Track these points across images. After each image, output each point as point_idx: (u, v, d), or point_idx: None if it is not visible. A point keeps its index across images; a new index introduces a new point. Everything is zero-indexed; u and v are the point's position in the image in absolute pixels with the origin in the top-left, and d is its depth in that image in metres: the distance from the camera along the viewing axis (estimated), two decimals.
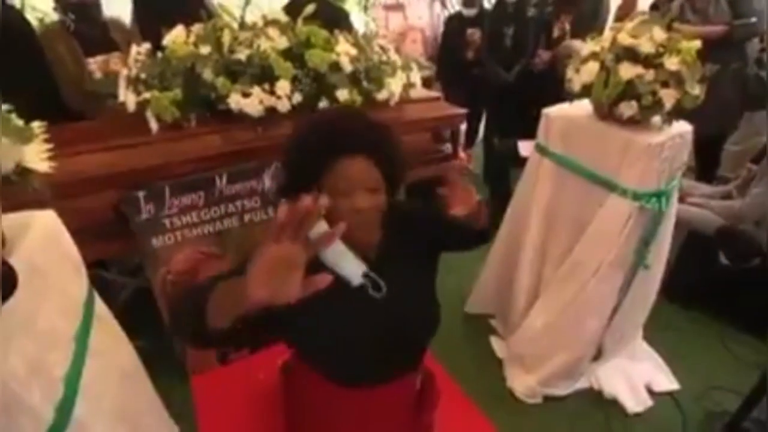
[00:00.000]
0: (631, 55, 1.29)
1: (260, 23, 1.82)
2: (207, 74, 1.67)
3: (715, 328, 2.11)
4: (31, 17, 2.21)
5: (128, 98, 1.66)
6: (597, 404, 1.77)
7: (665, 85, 1.26)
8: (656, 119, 1.36)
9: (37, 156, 0.92)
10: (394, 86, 1.86)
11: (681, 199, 1.98)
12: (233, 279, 0.75)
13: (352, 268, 0.84)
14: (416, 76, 2.03)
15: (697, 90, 1.28)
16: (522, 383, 1.79)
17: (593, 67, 1.36)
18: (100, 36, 2.04)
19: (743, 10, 2.23)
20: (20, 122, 0.94)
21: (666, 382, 1.82)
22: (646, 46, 1.26)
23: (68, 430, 0.73)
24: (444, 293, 1.10)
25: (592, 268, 1.55)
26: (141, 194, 1.52)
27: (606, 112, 1.42)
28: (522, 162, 2.35)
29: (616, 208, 1.46)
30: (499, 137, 2.90)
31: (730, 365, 1.93)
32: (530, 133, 2.42)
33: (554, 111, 1.62)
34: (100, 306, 1.02)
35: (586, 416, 1.72)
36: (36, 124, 0.96)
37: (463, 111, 2.16)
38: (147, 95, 1.64)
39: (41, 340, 0.73)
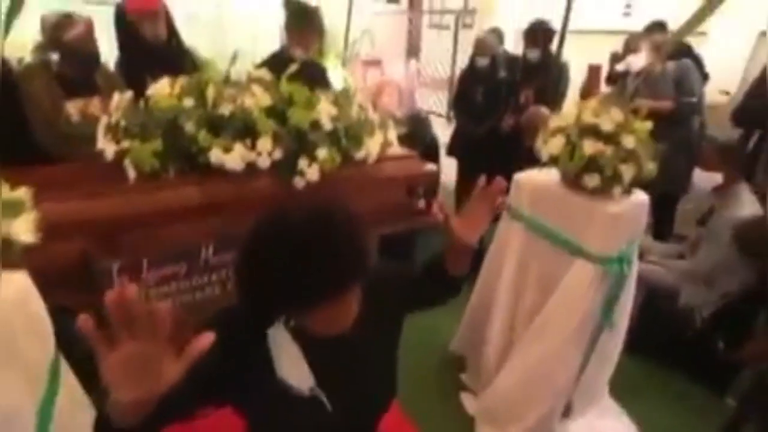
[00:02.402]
0: (593, 131, 1.42)
1: (245, 79, 1.87)
2: (189, 127, 1.70)
3: (675, 381, 2.21)
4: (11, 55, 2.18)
5: (107, 146, 1.66)
6: None
7: (624, 161, 1.39)
8: (617, 189, 1.48)
9: (25, 227, 0.90)
10: (372, 146, 1.93)
11: (640, 257, 2.11)
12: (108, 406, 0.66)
13: (301, 380, 0.87)
14: (393, 134, 2.12)
15: (651, 165, 1.41)
16: None
17: (559, 140, 1.48)
18: (83, 79, 2.03)
19: (686, 89, 2.51)
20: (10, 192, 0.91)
21: None
22: (606, 125, 1.40)
23: None
24: (418, 339, 1.09)
25: (560, 328, 1.62)
26: (115, 266, 1.44)
27: (572, 182, 1.53)
28: (494, 218, 2.46)
29: (581, 272, 1.55)
30: (469, 191, 3.01)
31: (689, 419, 2.01)
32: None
33: (524, 177, 1.72)
34: (66, 371, 0.98)
35: None
36: (22, 191, 0.95)
37: (435, 169, 2.26)
38: (126, 144, 1.64)
39: (2, 418, 0.70)
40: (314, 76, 2.41)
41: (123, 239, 1.59)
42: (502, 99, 3.08)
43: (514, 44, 4.12)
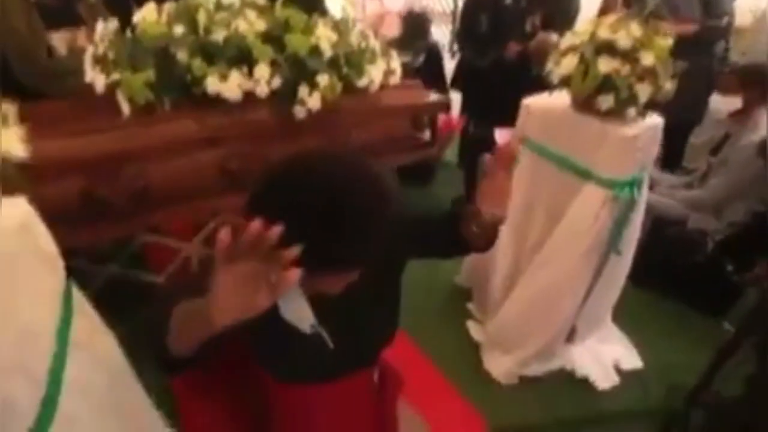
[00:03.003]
0: (609, 49, 1.33)
1: (237, 4, 1.76)
2: (181, 55, 1.61)
3: (676, 309, 2.26)
4: None
5: (96, 79, 1.58)
6: (570, 383, 1.87)
7: (640, 79, 1.32)
8: (631, 111, 1.42)
9: (14, 139, 0.86)
10: (374, 73, 1.85)
11: (650, 188, 2.08)
12: (192, 304, 0.71)
13: (302, 319, 0.87)
14: (396, 63, 2.02)
15: (669, 85, 1.34)
16: (499, 366, 1.86)
17: (572, 60, 1.41)
18: (64, 8, 1.91)
19: (715, 10, 2.33)
20: None
21: (632, 360, 1.94)
22: (623, 41, 1.31)
23: (55, 425, 0.72)
24: (425, 272, 1.10)
25: (567, 254, 1.62)
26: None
27: (584, 104, 1.47)
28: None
29: (591, 196, 1.53)
30: (474, 124, 2.93)
31: (689, 343, 2.07)
32: (507, 121, 2.48)
33: (533, 101, 1.66)
34: (79, 298, 0.99)
35: (560, 394, 1.82)
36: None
37: (442, 98, 2.18)
38: (117, 76, 1.57)
39: (20, 334, 0.71)
40: (310, 2, 2.26)
41: (122, 175, 1.57)
42: (508, 27, 2.91)
43: None
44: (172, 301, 0.77)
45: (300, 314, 0.94)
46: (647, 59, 1.29)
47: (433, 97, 2.19)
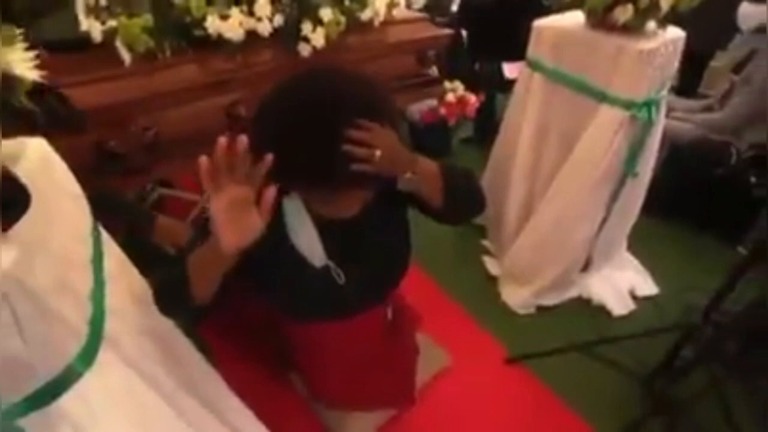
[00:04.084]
0: None
1: None
2: None
3: (690, 237, 2.26)
4: None
5: (92, 26, 1.55)
6: (586, 311, 1.90)
7: None
8: (650, 25, 1.36)
9: (23, 61, 0.81)
10: (378, 3, 1.79)
11: (666, 114, 2.03)
12: (198, 249, 0.79)
13: (313, 253, 0.94)
14: None
15: None
16: (516, 296, 1.90)
17: None
18: None
19: None
20: None
21: (647, 287, 1.96)
22: None
23: (102, 346, 0.76)
24: None
25: (583, 180, 1.61)
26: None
27: (599, 20, 1.41)
28: (508, 86, 2.35)
29: (606, 118, 1.49)
30: (481, 61, 2.85)
31: (703, 270, 2.08)
32: (513, 56, 2.39)
33: (544, 23, 1.59)
34: (106, 238, 1.01)
35: (577, 321, 1.86)
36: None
37: (448, 31, 2.10)
38: (113, 23, 1.53)
39: (59, 261, 0.73)
40: None
41: (132, 126, 1.56)
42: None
43: None
44: (185, 254, 0.81)
45: (311, 247, 0.96)
46: None
47: (439, 30, 2.11)
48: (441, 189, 0.89)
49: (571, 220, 1.67)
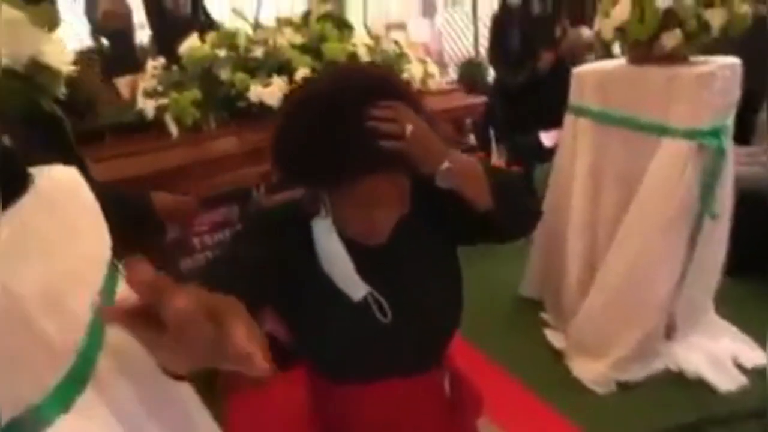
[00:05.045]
0: None
1: (274, 24, 1.82)
2: (225, 74, 1.65)
3: None
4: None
5: (147, 105, 1.63)
6: (680, 386, 1.54)
7: (709, 4, 1.18)
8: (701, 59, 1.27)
9: (57, 50, 0.73)
10: (414, 71, 1.82)
11: None
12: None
13: (353, 286, 0.77)
14: (434, 68, 1.99)
15: (745, 7, 1.19)
16: (590, 371, 1.58)
17: (625, 5, 1.30)
18: (130, 58, 2.05)
19: None
20: None
21: (755, 355, 1.60)
22: None
23: (89, 384, 0.60)
24: (492, 281, 0.96)
25: (653, 224, 1.40)
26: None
27: (644, 52, 1.33)
28: (547, 155, 2.26)
29: (670, 153, 1.33)
30: (518, 132, 2.82)
31: None
32: (550, 125, 2.35)
33: (585, 69, 1.54)
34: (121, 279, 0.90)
35: (670, 400, 1.49)
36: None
37: (483, 99, 2.10)
38: (165, 100, 1.61)
39: (59, 275, 0.62)
40: (341, 20, 2.33)
41: (175, 192, 1.55)
42: (539, 38, 2.87)
43: None
44: None
45: (347, 276, 0.80)
46: None
47: (474, 99, 2.12)
48: (487, 186, 0.75)
49: (646, 269, 1.43)
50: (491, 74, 3.21)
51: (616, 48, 1.48)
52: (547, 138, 2.50)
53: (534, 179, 2.67)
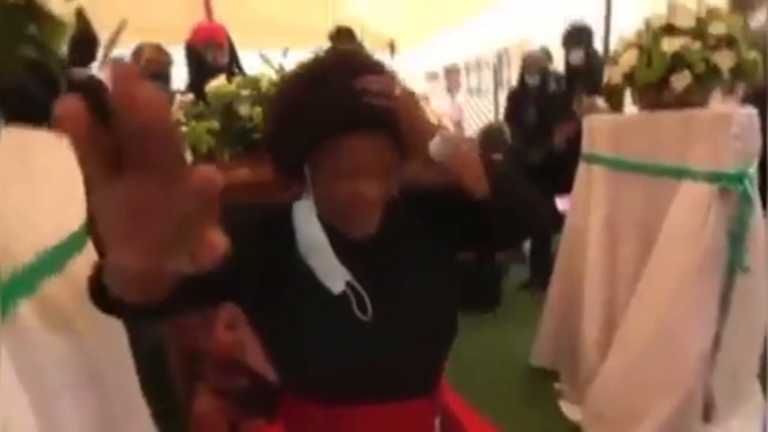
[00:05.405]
0: (669, 30, 1.24)
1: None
2: (244, 109, 1.71)
3: None
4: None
5: None
6: None
7: (716, 47, 1.18)
8: (716, 97, 1.25)
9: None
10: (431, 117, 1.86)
11: None
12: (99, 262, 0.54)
13: (332, 274, 0.71)
14: (447, 121, 2.04)
15: (753, 54, 1.18)
16: None
17: (631, 54, 1.31)
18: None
19: None
20: None
21: None
22: (682, 21, 1.22)
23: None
24: (502, 346, 0.88)
25: (678, 274, 1.27)
26: None
27: (655, 98, 1.32)
28: (563, 221, 2.20)
29: (691, 197, 1.25)
30: None
31: None
32: (566, 189, 2.31)
33: (596, 118, 1.53)
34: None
35: None
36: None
37: (498, 157, 2.10)
38: (183, 129, 1.67)
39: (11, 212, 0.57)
40: None
41: None
42: (555, 114, 2.94)
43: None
44: None
45: (327, 268, 0.73)
46: (718, 28, 1.18)
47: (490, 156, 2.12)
48: (482, 169, 0.70)
49: (673, 326, 1.26)
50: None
51: (627, 100, 1.48)
52: (563, 203, 2.44)
53: (551, 245, 2.56)
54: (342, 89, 0.66)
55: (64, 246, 0.67)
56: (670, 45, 1.21)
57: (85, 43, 1.44)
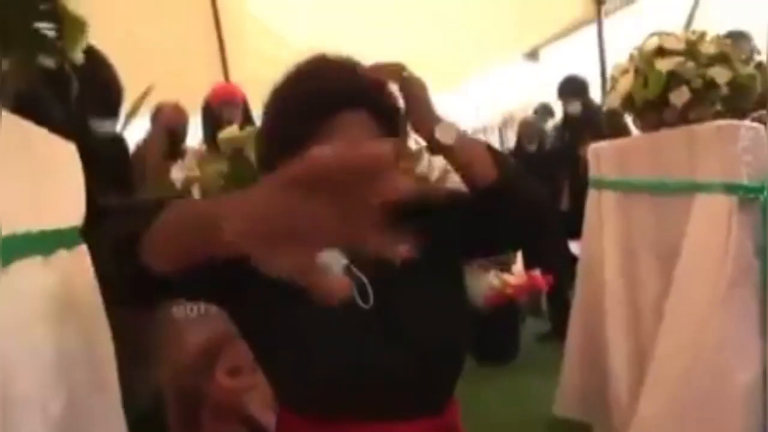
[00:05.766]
0: (662, 53, 1.28)
1: None
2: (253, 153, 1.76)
3: None
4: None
5: (176, 175, 1.73)
6: None
7: (709, 65, 1.20)
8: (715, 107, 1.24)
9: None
10: (435, 160, 1.88)
11: None
12: (207, 201, 0.60)
13: (329, 260, 0.66)
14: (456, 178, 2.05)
15: (749, 69, 1.20)
16: None
17: (628, 77, 1.34)
18: (180, 154, 2.25)
19: None
20: None
21: None
22: (673, 45, 1.26)
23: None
24: (523, 397, 0.83)
25: (707, 296, 1.17)
26: None
27: (656, 119, 1.32)
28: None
29: (708, 211, 1.19)
30: (546, 239, 2.68)
31: None
32: (575, 236, 2.26)
33: (600, 145, 1.53)
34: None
35: None
36: None
37: None
38: (196, 172, 1.71)
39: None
40: None
41: None
42: (558, 172, 2.90)
43: None
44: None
45: (328, 257, 0.69)
46: (709, 48, 1.20)
47: None
48: (489, 154, 0.70)
49: (712, 354, 1.14)
50: None
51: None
52: (576, 247, 2.37)
53: (565, 292, 2.44)
54: (331, 72, 0.69)
55: (52, 233, 0.65)
56: (664, 64, 1.24)
57: (104, 89, 1.49)
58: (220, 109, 2.35)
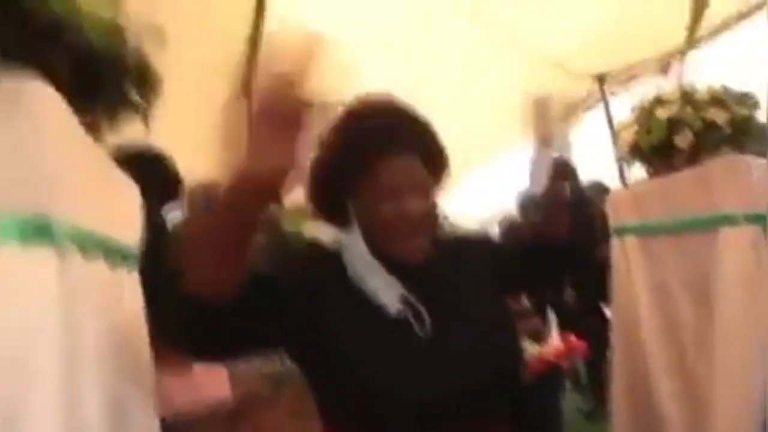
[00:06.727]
0: (659, 104, 1.36)
1: None
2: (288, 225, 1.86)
3: None
4: None
5: None
6: None
7: (705, 108, 1.26)
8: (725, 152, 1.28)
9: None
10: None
11: None
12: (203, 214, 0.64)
13: (386, 291, 0.70)
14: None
15: (744, 110, 1.26)
16: None
17: (631, 128, 1.41)
18: None
19: None
20: None
21: None
22: (669, 96, 1.35)
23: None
24: None
25: (753, 332, 1.11)
26: None
27: (664, 164, 1.36)
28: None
29: (735, 244, 1.17)
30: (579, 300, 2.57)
31: None
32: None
33: (616, 192, 1.57)
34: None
35: None
36: None
37: None
38: None
39: None
40: None
41: None
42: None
43: None
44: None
45: (382, 287, 0.73)
46: (703, 95, 1.28)
47: None
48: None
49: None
50: None
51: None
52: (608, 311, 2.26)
53: (602, 363, 2.26)
54: (383, 118, 0.75)
55: (119, 246, 0.71)
56: (664, 112, 1.32)
57: (170, 182, 1.53)
58: None
